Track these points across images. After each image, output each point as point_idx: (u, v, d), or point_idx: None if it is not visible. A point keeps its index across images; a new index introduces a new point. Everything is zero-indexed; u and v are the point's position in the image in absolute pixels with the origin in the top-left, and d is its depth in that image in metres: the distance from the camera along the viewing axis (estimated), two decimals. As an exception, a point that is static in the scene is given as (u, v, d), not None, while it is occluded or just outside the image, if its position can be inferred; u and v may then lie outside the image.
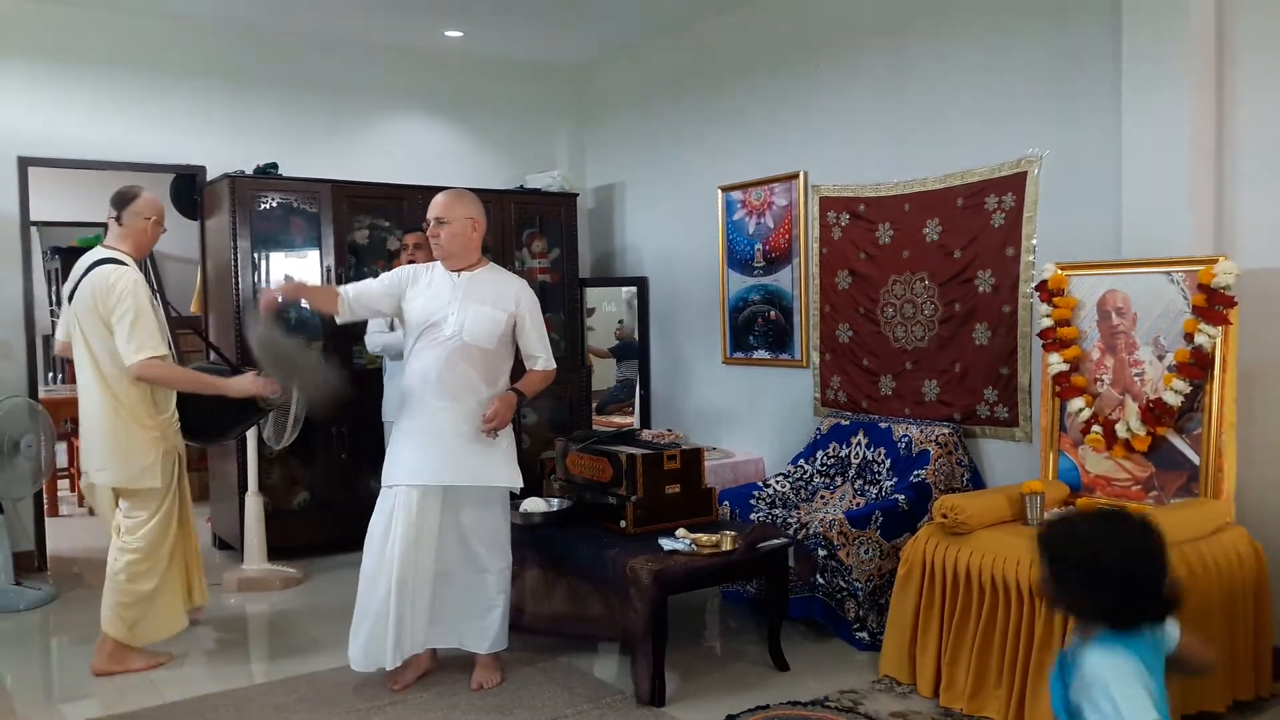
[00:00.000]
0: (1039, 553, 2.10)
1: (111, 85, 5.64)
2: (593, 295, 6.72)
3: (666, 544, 3.67)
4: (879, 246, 4.90)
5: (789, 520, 4.32)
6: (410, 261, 4.89)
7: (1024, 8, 4.28)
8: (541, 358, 3.70)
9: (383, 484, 3.59)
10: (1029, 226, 4.25)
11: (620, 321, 6.69)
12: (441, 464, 3.51)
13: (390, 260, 5.55)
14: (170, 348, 3.78)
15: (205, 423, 3.93)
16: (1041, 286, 3.90)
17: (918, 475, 4.33)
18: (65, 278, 4.19)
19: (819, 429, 5.05)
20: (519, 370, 3.74)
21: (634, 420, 6.47)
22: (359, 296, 3.66)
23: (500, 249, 6.02)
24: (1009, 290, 4.34)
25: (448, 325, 3.55)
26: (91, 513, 5.83)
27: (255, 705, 3.53)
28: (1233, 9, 3.67)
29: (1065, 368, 3.80)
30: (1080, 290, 3.82)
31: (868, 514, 4.11)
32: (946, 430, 4.45)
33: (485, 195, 5.99)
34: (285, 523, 5.39)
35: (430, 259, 3.76)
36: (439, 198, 3.65)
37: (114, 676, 3.81)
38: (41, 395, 5.54)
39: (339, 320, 3.75)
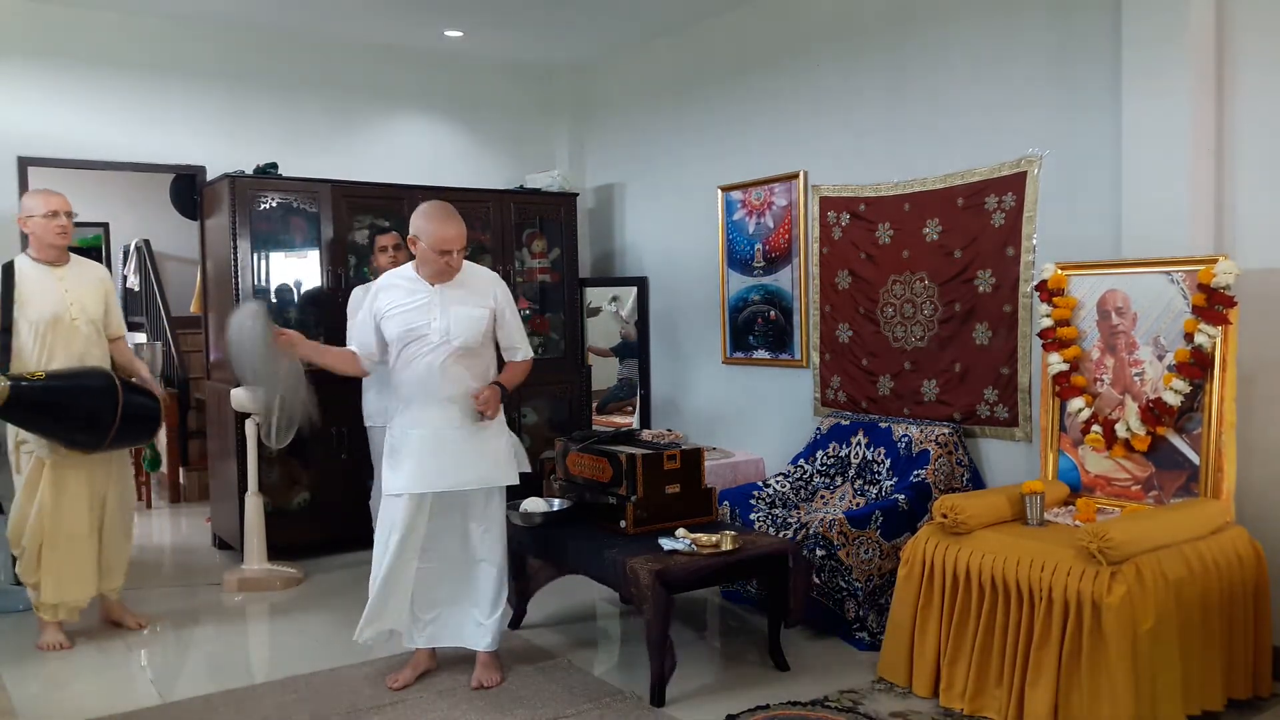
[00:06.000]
0: None
1: (111, 85, 5.65)
2: (597, 295, 6.71)
3: (666, 544, 3.68)
4: (879, 246, 4.90)
5: (789, 520, 4.32)
6: (394, 262, 4.84)
7: (1024, 7, 4.28)
8: (521, 349, 3.73)
9: (387, 492, 3.56)
10: (1029, 226, 4.25)
11: (627, 320, 6.68)
12: (449, 468, 3.52)
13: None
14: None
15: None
16: (1041, 286, 3.90)
17: (918, 475, 4.33)
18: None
19: (819, 429, 5.05)
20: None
21: (634, 420, 6.48)
22: (364, 344, 3.63)
23: (500, 249, 6.03)
24: (1009, 290, 4.34)
25: (433, 332, 3.51)
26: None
27: (255, 705, 3.53)
28: (1233, 8, 3.67)
29: (1065, 368, 3.80)
30: (1080, 290, 3.82)
31: (868, 514, 4.11)
32: (946, 430, 4.45)
33: (485, 195, 6.07)
34: (285, 523, 5.39)
35: (410, 259, 3.68)
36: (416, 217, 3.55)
37: (111, 675, 3.87)
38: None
39: (372, 373, 3.85)
